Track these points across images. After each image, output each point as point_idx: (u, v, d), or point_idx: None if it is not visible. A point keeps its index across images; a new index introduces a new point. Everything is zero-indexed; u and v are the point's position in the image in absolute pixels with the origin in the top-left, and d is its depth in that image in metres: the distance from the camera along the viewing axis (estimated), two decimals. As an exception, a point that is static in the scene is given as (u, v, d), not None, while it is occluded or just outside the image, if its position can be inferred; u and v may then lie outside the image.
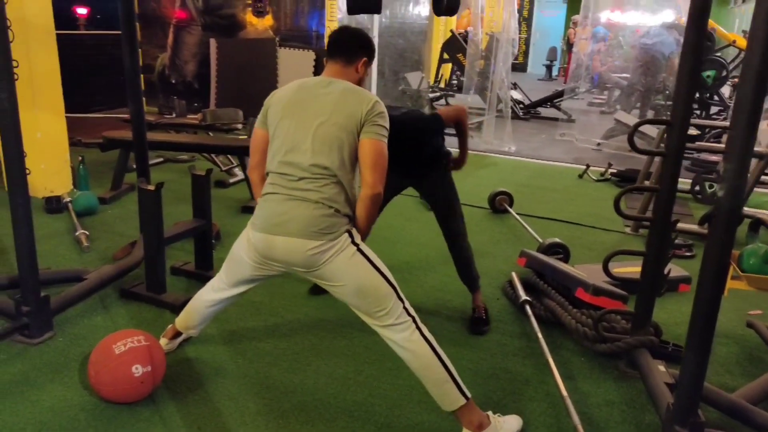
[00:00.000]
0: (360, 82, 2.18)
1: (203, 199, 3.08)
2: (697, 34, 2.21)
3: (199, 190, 3.06)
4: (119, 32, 2.84)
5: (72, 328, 2.66)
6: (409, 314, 2.01)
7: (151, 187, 2.70)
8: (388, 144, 2.05)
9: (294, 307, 2.96)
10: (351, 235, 2.00)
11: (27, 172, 4.30)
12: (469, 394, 2.00)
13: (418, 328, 2.00)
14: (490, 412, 2.08)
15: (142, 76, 7.92)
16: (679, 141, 2.33)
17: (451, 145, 2.92)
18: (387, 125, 2.03)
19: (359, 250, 1.99)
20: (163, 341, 2.43)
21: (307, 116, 2.01)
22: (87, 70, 7.80)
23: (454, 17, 12.06)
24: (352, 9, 2.98)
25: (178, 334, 2.47)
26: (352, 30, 2.22)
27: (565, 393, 2.26)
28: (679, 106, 2.30)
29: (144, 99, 7.96)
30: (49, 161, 4.39)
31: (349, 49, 2.15)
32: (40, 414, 2.09)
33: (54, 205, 4.13)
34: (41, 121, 4.26)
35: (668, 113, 7.99)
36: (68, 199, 4.16)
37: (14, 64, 4.08)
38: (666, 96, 7.53)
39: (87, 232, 3.64)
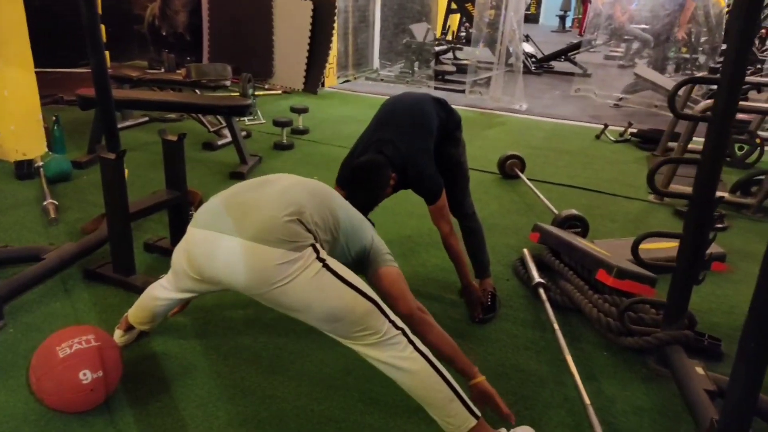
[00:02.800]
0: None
1: (177, 167, 2.72)
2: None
3: (171, 157, 2.70)
4: None
5: (26, 316, 2.35)
6: (396, 327, 1.67)
7: (111, 156, 2.34)
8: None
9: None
10: (316, 249, 1.64)
11: (-6, 133, 3.99)
12: (478, 412, 1.68)
13: (410, 342, 1.67)
14: (503, 429, 1.77)
15: (133, 27, 7.51)
16: (728, 104, 1.93)
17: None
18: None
19: (325, 265, 1.63)
20: (117, 333, 2.12)
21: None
22: (72, 21, 7.30)
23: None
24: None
25: (131, 326, 2.15)
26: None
27: (587, 400, 1.95)
28: (729, 62, 1.90)
29: (136, 52, 7.62)
30: (19, 122, 4.02)
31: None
32: (-25, 426, 1.80)
33: (24, 169, 3.78)
34: (7, 78, 3.86)
35: (690, 67, 7.43)
36: (40, 163, 3.81)
37: (-29, 13, 3.70)
38: (692, 48, 7.00)
39: (56, 202, 3.31)
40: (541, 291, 2.62)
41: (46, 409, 1.85)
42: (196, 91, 4.94)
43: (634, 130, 5.35)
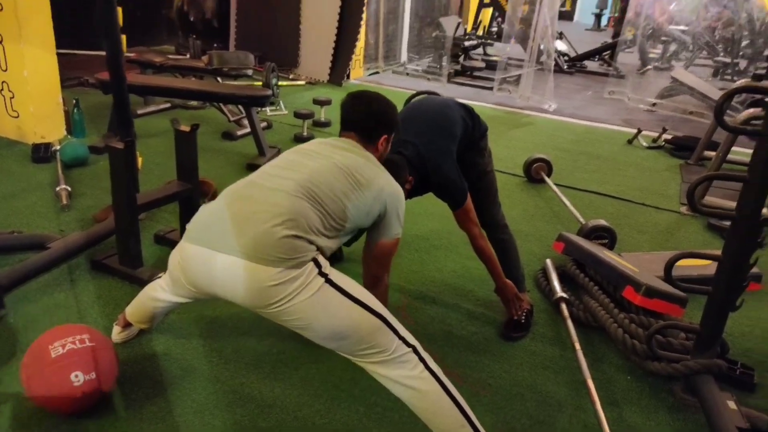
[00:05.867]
0: (381, 158, 1.88)
1: (188, 158, 2.63)
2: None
3: (183, 147, 2.61)
4: None
5: (28, 306, 2.28)
6: (407, 344, 1.56)
7: (120, 145, 2.26)
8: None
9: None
10: (318, 264, 1.53)
11: (14, 114, 3.96)
12: (489, 441, 1.56)
13: (421, 359, 1.56)
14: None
15: (162, 12, 7.47)
16: (784, 117, 1.77)
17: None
18: (402, 216, 1.81)
19: (328, 280, 1.52)
20: (115, 330, 2.05)
21: (320, 156, 1.74)
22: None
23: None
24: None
25: (128, 323, 2.07)
26: (368, 103, 1.88)
27: (607, 429, 1.81)
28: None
29: (164, 37, 7.58)
30: (38, 103, 3.98)
31: (365, 129, 1.86)
32: (-38, 422, 1.74)
33: (41, 153, 3.74)
34: (28, 58, 3.82)
35: (730, 73, 7.14)
36: (57, 147, 3.77)
37: (-5, -9, 3.66)
38: (734, 53, 6.70)
39: (69, 188, 3.25)
40: (563, 306, 2.47)
41: (37, 408, 1.78)
42: (218, 79, 4.87)
43: (669, 137, 5.13)
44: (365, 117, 1.85)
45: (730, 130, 1.85)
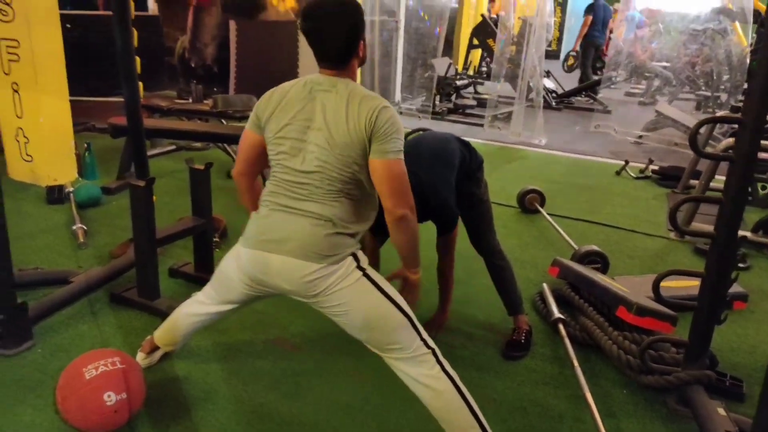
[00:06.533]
0: (363, 60, 1.80)
1: (203, 194, 2.80)
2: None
3: (198, 184, 2.78)
4: (145, 12, 2.58)
5: (54, 337, 2.41)
6: (427, 346, 1.74)
7: (141, 183, 2.42)
8: None
9: (300, 320, 2.65)
10: (356, 258, 1.72)
11: (28, 159, 4.13)
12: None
13: (438, 362, 1.73)
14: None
15: (164, 59, 7.76)
16: (751, 143, 1.96)
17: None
18: (400, 136, 1.70)
19: (365, 275, 1.70)
20: (140, 356, 2.17)
21: (311, 124, 1.70)
22: (107, 51, 7.56)
23: (484, 0, 11.59)
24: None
25: (155, 348, 2.20)
26: (328, 15, 1.68)
27: (605, 437, 1.93)
28: (754, 101, 1.93)
29: (166, 82, 7.85)
30: (52, 148, 4.16)
31: (335, 53, 1.72)
32: (2, 443, 1.85)
33: (56, 195, 3.90)
34: (44, 105, 4.02)
35: (712, 106, 7.45)
36: (70, 189, 3.93)
37: (14, 44, 3.88)
38: (714, 87, 7.00)
39: (85, 227, 3.40)
40: (561, 327, 2.61)
41: (70, 428, 1.89)
42: (222, 121, 5.07)
43: (655, 167, 5.35)
44: (329, 39, 1.70)
45: (703, 156, 2.04)
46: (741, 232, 2.05)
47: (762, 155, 5.03)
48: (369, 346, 1.77)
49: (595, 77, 9.24)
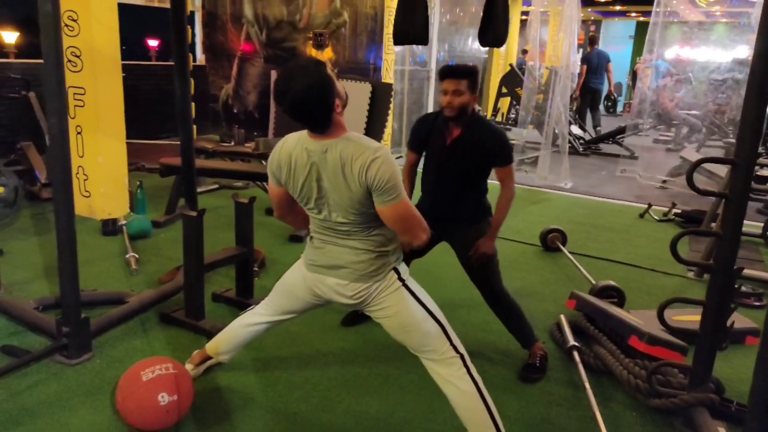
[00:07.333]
0: (342, 112, 1.88)
1: (246, 226, 3.08)
2: (766, 58, 2.04)
3: (242, 217, 3.07)
4: (194, 63, 2.94)
5: (110, 350, 2.68)
6: (457, 351, 2.00)
7: (193, 213, 2.72)
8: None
9: (330, 340, 2.89)
10: (398, 272, 2.01)
11: (86, 194, 4.52)
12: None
13: (465, 365, 1.99)
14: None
15: (209, 105, 8.30)
16: (743, 182, 2.15)
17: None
18: (396, 180, 1.80)
19: (405, 285, 2.00)
20: (188, 367, 2.41)
21: (321, 184, 1.89)
22: (157, 98, 8.17)
23: (513, 50, 11.98)
24: (398, 40, 2.96)
25: (204, 360, 2.45)
26: (296, 101, 1.75)
27: (612, 452, 2.08)
28: (744, 144, 2.13)
29: (209, 126, 8.36)
30: (108, 185, 4.55)
31: (314, 125, 1.82)
32: (68, 437, 2.09)
33: (110, 227, 4.26)
34: (103, 146, 4.43)
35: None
36: (123, 222, 4.28)
37: (81, 91, 4.31)
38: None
39: (137, 256, 3.72)
40: (575, 353, 2.77)
41: (127, 427, 2.13)
42: (263, 162, 5.43)
43: (678, 211, 5.48)
44: (307, 121, 1.81)
45: (699, 193, 2.23)
46: (758, 273, 2.22)
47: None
48: (408, 346, 2.04)
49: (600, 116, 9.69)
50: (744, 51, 7.90)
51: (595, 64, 9.74)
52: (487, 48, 10.24)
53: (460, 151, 2.55)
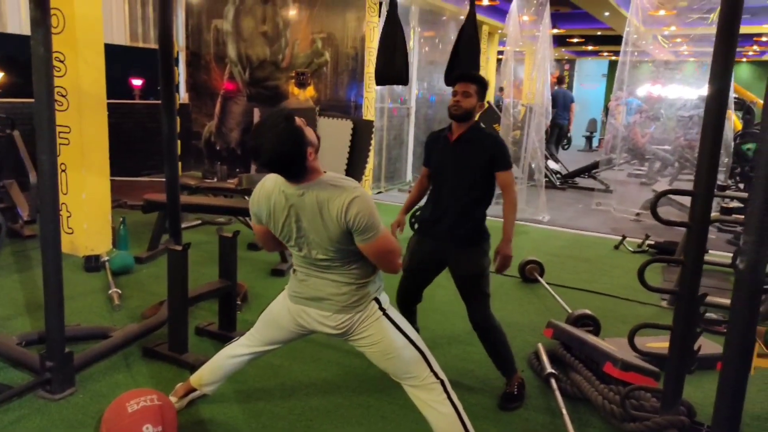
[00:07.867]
0: (317, 155, 1.96)
1: (230, 259, 3.14)
2: (719, 99, 2.19)
3: (225, 251, 3.13)
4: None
5: (93, 384, 2.69)
6: (437, 377, 2.08)
7: (178, 248, 2.78)
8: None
9: (311, 371, 2.93)
10: (378, 302, 2.09)
11: (69, 231, 4.54)
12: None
13: (446, 390, 2.06)
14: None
15: (192, 142, 8.40)
16: (702, 212, 2.28)
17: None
18: (373, 218, 1.90)
19: (386, 315, 2.09)
20: (172, 399, 2.43)
21: (301, 225, 1.99)
22: (140, 136, 8.25)
23: (491, 89, 12.32)
24: (380, 81, 3.10)
25: (188, 392, 2.48)
26: (270, 160, 1.85)
27: (587, 475, 2.14)
28: (702, 176, 2.27)
29: (192, 163, 8.44)
30: (91, 221, 4.58)
31: (289, 174, 1.91)
32: (51, 471, 2.10)
33: (93, 263, 4.27)
34: (87, 183, 4.47)
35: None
36: (106, 258, 4.30)
37: (66, 129, 4.38)
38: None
39: (119, 291, 3.74)
40: (553, 381, 2.84)
41: (110, 460, 2.15)
42: (245, 197, 5.51)
43: (652, 242, 5.65)
44: (283, 172, 1.91)
45: (662, 223, 2.36)
46: (725, 300, 2.32)
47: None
48: (390, 374, 2.11)
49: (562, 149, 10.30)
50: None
51: (561, 102, 10.37)
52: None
53: (461, 148, 2.69)
